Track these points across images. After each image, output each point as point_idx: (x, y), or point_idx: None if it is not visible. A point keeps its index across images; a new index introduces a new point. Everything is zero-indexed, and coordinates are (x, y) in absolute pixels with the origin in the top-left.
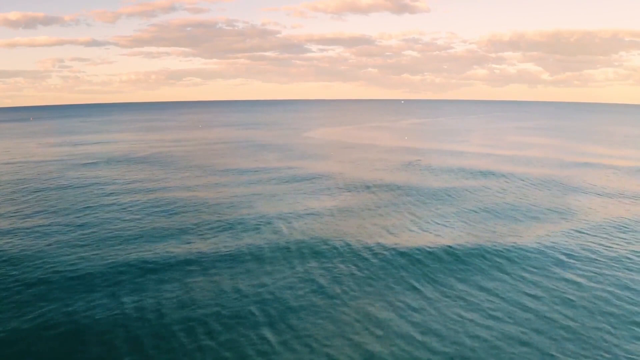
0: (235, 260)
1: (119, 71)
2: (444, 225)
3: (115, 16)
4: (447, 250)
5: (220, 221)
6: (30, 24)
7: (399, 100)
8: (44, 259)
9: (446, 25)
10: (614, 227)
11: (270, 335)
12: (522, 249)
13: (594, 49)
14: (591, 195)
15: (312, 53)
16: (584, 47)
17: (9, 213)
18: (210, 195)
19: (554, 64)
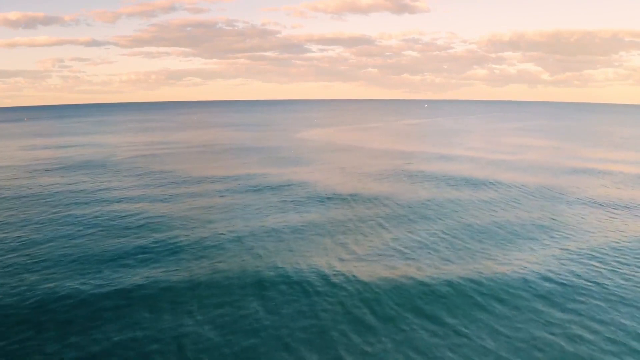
0: (169, 291)
1: (119, 71)
2: (418, 250)
3: (115, 16)
4: (414, 282)
5: (163, 242)
6: (30, 24)
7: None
8: None
9: (446, 25)
10: (616, 249)
11: None
12: (505, 282)
13: (594, 49)
14: (588, 208)
15: (312, 53)
16: (584, 47)
17: None
18: (163, 210)
19: (554, 64)
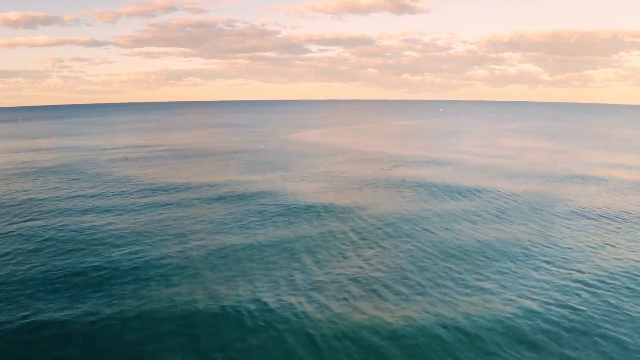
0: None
1: (119, 71)
2: (378, 281)
3: (115, 16)
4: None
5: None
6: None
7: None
8: None
9: (446, 26)
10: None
11: None
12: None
13: (594, 50)
14: (584, 221)
15: (312, 53)
16: (584, 48)
17: None
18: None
19: (554, 64)
